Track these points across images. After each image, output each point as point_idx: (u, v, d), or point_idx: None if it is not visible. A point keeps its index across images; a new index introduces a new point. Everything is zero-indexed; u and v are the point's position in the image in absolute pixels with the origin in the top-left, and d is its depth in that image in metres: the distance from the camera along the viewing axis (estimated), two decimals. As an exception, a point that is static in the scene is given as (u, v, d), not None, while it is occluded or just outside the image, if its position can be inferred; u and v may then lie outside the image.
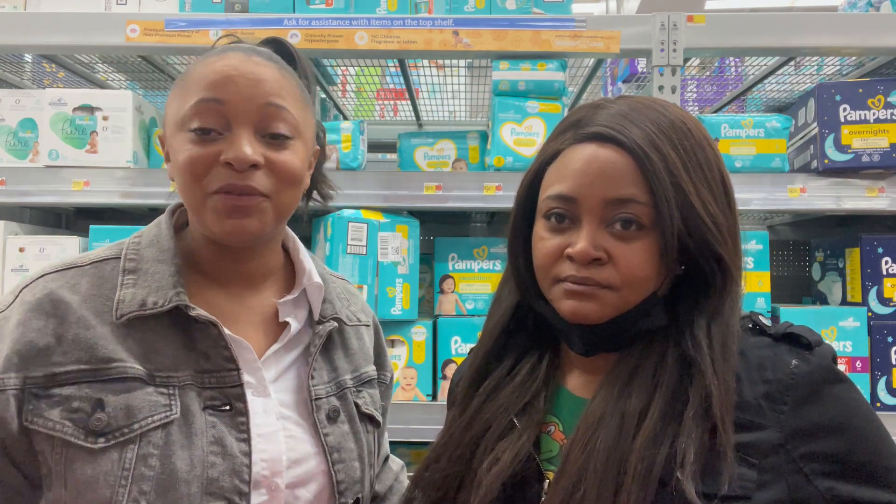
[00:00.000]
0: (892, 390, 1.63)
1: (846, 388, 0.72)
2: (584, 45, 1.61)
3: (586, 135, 0.75)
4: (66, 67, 1.98)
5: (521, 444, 0.77)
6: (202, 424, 0.78)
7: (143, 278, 0.82)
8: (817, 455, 0.69)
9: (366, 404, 0.94)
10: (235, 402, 0.80)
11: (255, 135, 0.80)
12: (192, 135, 0.79)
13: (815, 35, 1.61)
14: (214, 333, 0.80)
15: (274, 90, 0.81)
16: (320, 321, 0.91)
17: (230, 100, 0.79)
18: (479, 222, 2.23)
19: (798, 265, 2.16)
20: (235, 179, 0.78)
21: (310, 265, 0.94)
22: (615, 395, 0.73)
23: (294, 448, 0.83)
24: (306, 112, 0.87)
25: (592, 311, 0.73)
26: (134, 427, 0.75)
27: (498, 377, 0.84)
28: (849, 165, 1.60)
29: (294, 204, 0.87)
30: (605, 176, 0.72)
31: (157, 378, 0.78)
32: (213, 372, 0.80)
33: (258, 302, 0.90)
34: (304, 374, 0.88)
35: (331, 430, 0.87)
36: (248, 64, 0.81)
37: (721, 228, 0.74)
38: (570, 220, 0.75)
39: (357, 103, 2.39)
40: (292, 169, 0.82)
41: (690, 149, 0.74)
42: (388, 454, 1.12)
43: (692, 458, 0.66)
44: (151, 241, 0.86)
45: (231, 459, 0.77)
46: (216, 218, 0.80)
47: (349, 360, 0.95)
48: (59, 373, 0.75)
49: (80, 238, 1.69)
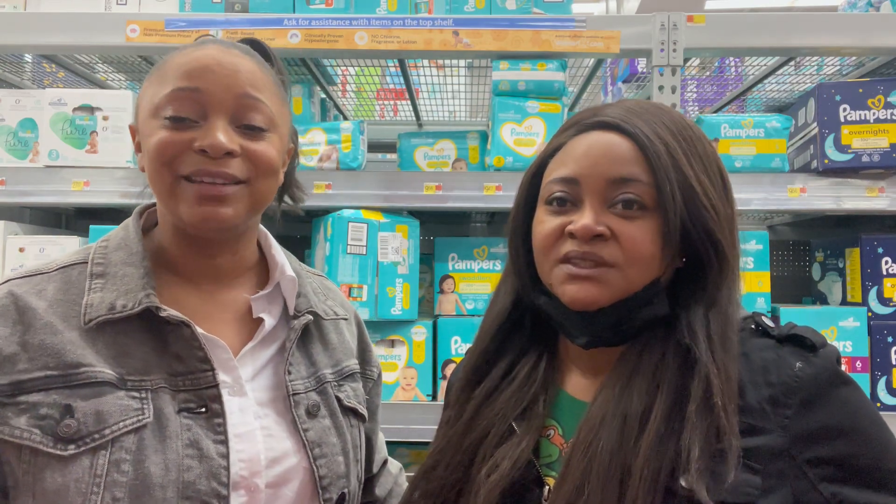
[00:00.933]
0: (892, 390, 1.63)
1: (851, 390, 0.70)
2: (584, 45, 1.61)
3: (588, 125, 0.76)
4: (66, 67, 1.98)
5: (521, 451, 0.76)
6: (176, 428, 0.76)
7: (112, 282, 0.80)
8: (822, 460, 0.67)
9: (348, 398, 0.93)
10: (211, 404, 0.78)
11: (231, 125, 0.79)
12: (167, 122, 0.78)
13: (815, 35, 1.61)
14: (187, 334, 0.79)
15: (251, 81, 0.80)
16: (295, 315, 0.90)
17: (207, 88, 0.78)
18: (479, 222, 2.23)
19: (798, 265, 2.16)
20: (210, 165, 0.77)
21: (282, 259, 0.92)
22: (616, 397, 0.72)
23: (272, 447, 0.82)
24: (283, 107, 0.87)
25: (595, 293, 0.72)
26: (105, 432, 0.73)
27: (495, 379, 0.83)
28: (849, 165, 1.60)
29: (270, 194, 0.85)
30: (608, 156, 0.73)
31: (128, 382, 0.76)
32: (187, 374, 0.79)
33: (231, 299, 0.88)
34: (282, 370, 0.87)
35: (311, 424, 0.86)
36: (227, 55, 0.80)
37: (720, 215, 0.74)
38: (571, 203, 0.75)
39: (357, 103, 2.39)
40: (269, 157, 0.81)
41: (690, 140, 0.75)
42: (386, 458, 1.11)
43: (697, 454, 0.65)
44: (119, 244, 0.84)
45: (208, 462, 0.76)
46: (188, 206, 0.78)
47: (328, 355, 0.93)
48: (25, 380, 0.73)
49: (80, 238, 1.69)
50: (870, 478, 0.67)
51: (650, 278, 0.73)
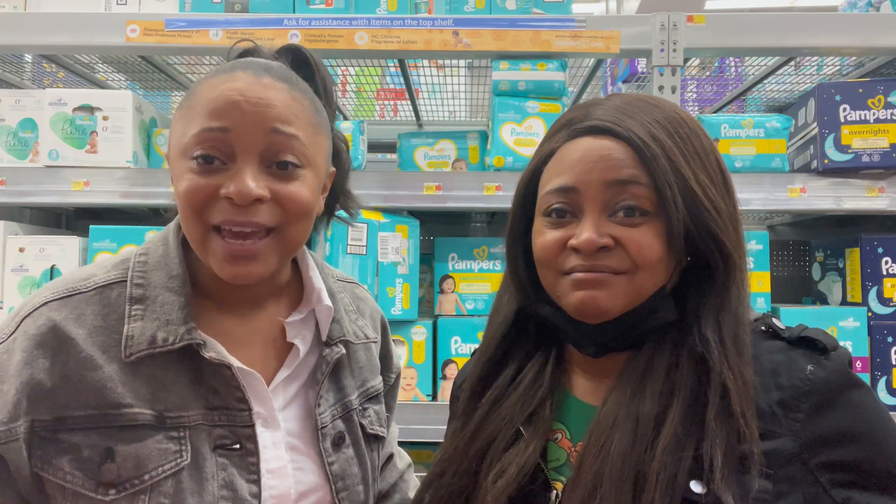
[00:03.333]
0: (893, 390, 1.63)
1: (863, 393, 0.69)
2: (584, 45, 1.61)
3: (581, 129, 0.74)
4: (66, 67, 1.98)
5: (528, 455, 0.75)
6: (212, 468, 0.76)
7: (152, 308, 0.78)
8: (834, 464, 0.66)
9: (371, 423, 0.93)
10: (246, 443, 0.78)
11: (261, 165, 0.76)
12: (194, 163, 0.75)
13: (815, 35, 1.61)
14: (227, 374, 0.78)
15: (282, 116, 0.76)
16: (328, 343, 0.89)
17: (235, 128, 0.74)
18: (479, 222, 2.23)
19: (798, 265, 2.16)
20: (237, 214, 0.74)
21: (319, 283, 0.90)
22: (627, 399, 0.70)
23: (301, 480, 0.82)
24: (318, 136, 0.81)
25: (603, 300, 0.70)
26: (144, 478, 0.72)
27: (501, 386, 0.82)
28: (849, 165, 1.60)
29: (303, 237, 0.82)
30: (605, 161, 0.71)
31: (167, 420, 0.75)
32: (224, 409, 0.78)
33: (265, 321, 0.87)
34: (311, 398, 0.86)
35: (336, 458, 0.86)
36: (257, 87, 0.76)
37: (722, 215, 0.72)
38: (571, 214, 0.73)
39: (357, 103, 2.39)
40: (301, 201, 0.77)
41: (686, 136, 0.73)
42: (392, 452, 1.11)
43: (721, 461, 0.63)
44: (158, 262, 0.82)
45: (241, 503, 0.76)
46: (218, 262, 0.76)
47: (355, 376, 0.92)
48: (66, 416, 0.72)
49: (80, 238, 1.69)
50: (882, 482, 0.66)
51: (659, 284, 0.72)
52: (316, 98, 0.85)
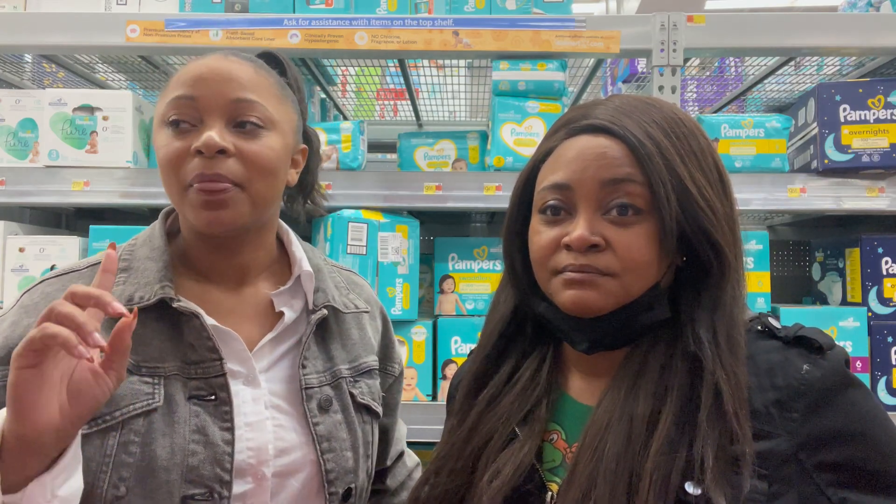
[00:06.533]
0: (893, 390, 1.63)
1: (860, 393, 0.69)
2: (584, 45, 1.61)
3: (578, 128, 0.75)
4: (66, 67, 1.98)
5: (523, 456, 0.75)
6: (185, 413, 0.80)
7: (133, 275, 0.85)
8: (830, 464, 0.66)
9: (362, 394, 0.94)
10: (219, 392, 0.82)
11: (227, 126, 0.83)
12: (169, 129, 0.83)
13: (815, 35, 1.61)
14: (197, 324, 0.83)
15: (245, 85, 0.84)
16: (313, 310, 0.92)
17: (201, 95, 0.82)
18: (479, 222, 2.23)
19: (798, 265, 2.16)
20: (205, 168, 0.80)
21: (301, 254, 0.95)
22: (622, 399, 0.71)
23: (282, 437, 0.84)
24: (284, 107, 0.89)
25: (593, 299, 0.71)
26: (115, 414, 0.77)
27: (497, 384, 0.82)
28: (849, 165, 1.60)
29: (272, 195, 0.87)
30: (600, 159, 0.71)
31: (143, 368, 0.80)
32: (199, 363, 0.82)
33: (253, 295, 0.92)
34: (297, 363, 0.89)
35: (321, 419, 0.87)
36: (222, 63, 0.84)
37: (717, 214, 0.72)
38: (565, 212, 0.74)
39: (357, 103, 2.39)
40: (263, 157, 0.84)
41: (683, 136, 0.73)
42: (402, 450, 1.13)
43: (712, 462, 0.63)
44: (144, 241, 0.89)
45: (213, 448, 0.79)
46: (193, 211, 0.82)
47: (347, 350, 0.95)
48: None
49: (80, 238, 1.69)
50: (879, 482, 0.65)
51: (649, 284, 0.72)
52: (283, 81, 0.92)
